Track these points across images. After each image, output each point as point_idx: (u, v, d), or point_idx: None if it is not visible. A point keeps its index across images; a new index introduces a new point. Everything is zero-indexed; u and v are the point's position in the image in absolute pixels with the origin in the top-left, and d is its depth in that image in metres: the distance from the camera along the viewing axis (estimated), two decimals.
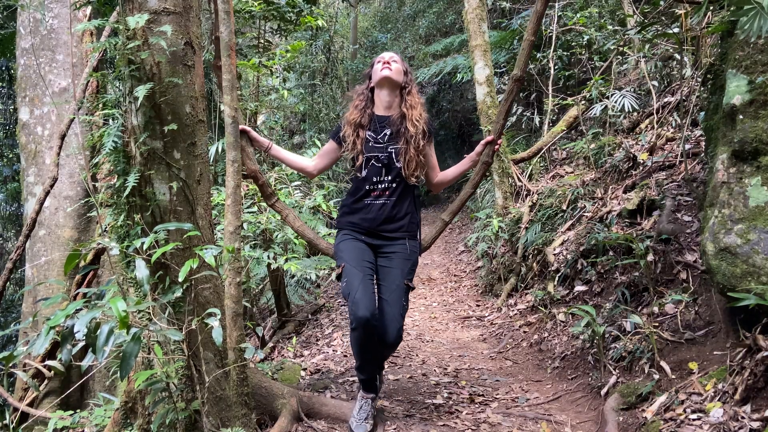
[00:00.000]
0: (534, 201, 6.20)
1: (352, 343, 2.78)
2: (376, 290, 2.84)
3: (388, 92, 2.97)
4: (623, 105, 6.16)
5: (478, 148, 3.06)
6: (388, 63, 2.94)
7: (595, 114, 6.55)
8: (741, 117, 2.71)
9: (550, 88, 7.65)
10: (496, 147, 3.02)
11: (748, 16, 2.22)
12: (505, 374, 3.99)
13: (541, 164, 7.60)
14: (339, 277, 2.82)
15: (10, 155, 9.08)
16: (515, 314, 5.25)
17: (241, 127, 2.80)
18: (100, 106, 2.61)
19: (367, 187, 2.91)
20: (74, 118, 4.21)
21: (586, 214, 5.19)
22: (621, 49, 6.71)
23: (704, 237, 2.80)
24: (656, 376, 2.94)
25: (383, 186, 2.90)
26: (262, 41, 5.64)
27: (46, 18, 4.82)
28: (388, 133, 2.93)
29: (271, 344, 5.48)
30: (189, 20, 2.48)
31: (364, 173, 2.91)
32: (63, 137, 4.20)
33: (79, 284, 4.49)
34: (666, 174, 4.68)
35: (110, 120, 2.51)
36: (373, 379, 2.88)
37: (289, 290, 6.30)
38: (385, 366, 4.09)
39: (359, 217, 2.93)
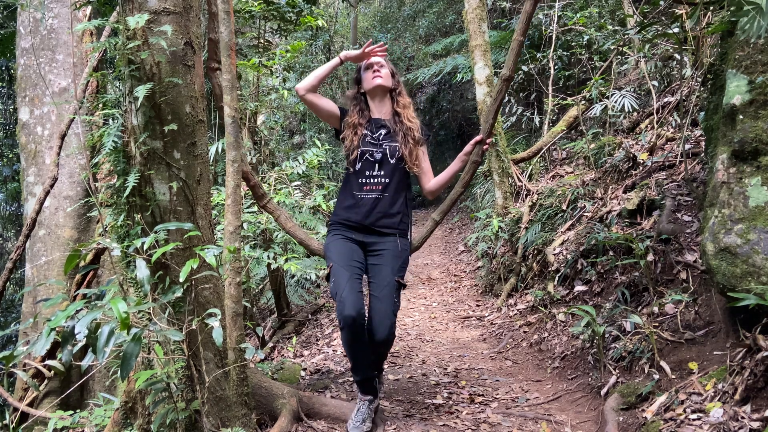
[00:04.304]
0: (534, 201, 6.20)
1: (342, 343, 2.79)
2: (365, 289, 2.84)
3: (380, 98, 3.08)
4: (623, 105, 6.16)
5: (468, 147, 3.09)
6: (378, 71, 3.03)
7: (595, 114, 6.55)
8: (741, 117, 2.71)
9: (550, 88, 7.65)
10: (485, 146, 3.05)
11: (748, 16, 2.22)
12: (505, 374, 3.99)
13: (541, 164, 7.60)
14: (328, 277, 2.83)
15: (10, 155, 9.08)
16: (515, 314, 5.25)
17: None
18: (100, 106, 2.62)
19: (359, 181, 2.95)
20: (74, 118, 4.21)
21: (586, 214, 5.19)
22: (621, 49, 6.71)
23: (704, 237, 2.80)
24: (656, 376, 2.94)
25: (375, 180, 2.94)
26: (262, 41, 5.64)
27: (46, 18, 4.82)
28: (383, 132, 3.02)
29: (271, 344, 5.48)
30: (189, 20, 2.48)
31: (357, 166, 2.96)
32: (63, 137, 4.20)
33: (79, 284, 4.50)
34: (666, 174, 4.68)
35: (110, 120, 2.52)
36: (368, 381, 2.84)
37: (289, 290, 6.30)
38: (385, 366, 4.10)
39: (351, 211, 2.94)
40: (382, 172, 2.95)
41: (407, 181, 3.06)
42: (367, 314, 2.78)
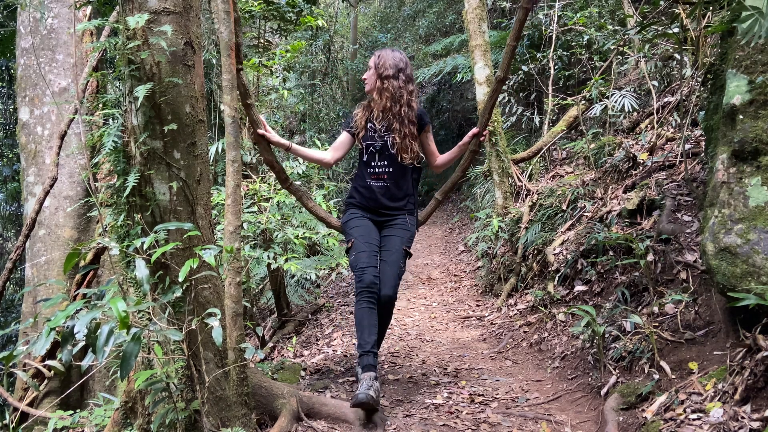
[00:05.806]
0: (534, 201, 6.19)
1: (355, 312, 3.11)
2: (378, 263, 3.25)
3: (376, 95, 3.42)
4: (623, 105, 6.16)
5: (466, 138, 3.43)
6: (365, 79, 3.39)
7: (595, 114, 6.55)
8: (741, 117, 2.71)
9: (550, 88, 7.65)
10: (482, 138, 3.39)
11: (748, 21, 2.22)
12: (505, 374, 3.99)
13: (541, 164, 7.60)
14: (348, 251, 3.28)
15: (10, 155, 9.08)
16: (515, 314, 5.25)
17: (261, 132, 3.22)
18: (100, 106, 2.62)
19: (368, 171, 3.36)
20: (74, 118, 4.21)
21: (586, 214, 5.19)
22: (621, 49, 6.71)
23: (704, 237, 2.80)
24: (656, 376, 2.94)
25: (380, 170, 3.34)
26: (262, 41, 5.64)
27: (46, 18, 4.82)
28: (385, 125, 3.35)
29: (271, 344, 5.49)
30: (189, 20, 2.48)
31: (364, 158, 3.37)
32: (63, 137, 4.20)
33: (79, 284, 4.50)
34: (666, 174, 4.68)
35: (110, 120, 2.52)
36: (371, 355, 3.02)
37: (289, 290, 6.30)
38: (385, 366, 4.10)
39: (364, 198, 3.37)
40: (385, 162, 3.32)
41: (412, 165, 3.38)
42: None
